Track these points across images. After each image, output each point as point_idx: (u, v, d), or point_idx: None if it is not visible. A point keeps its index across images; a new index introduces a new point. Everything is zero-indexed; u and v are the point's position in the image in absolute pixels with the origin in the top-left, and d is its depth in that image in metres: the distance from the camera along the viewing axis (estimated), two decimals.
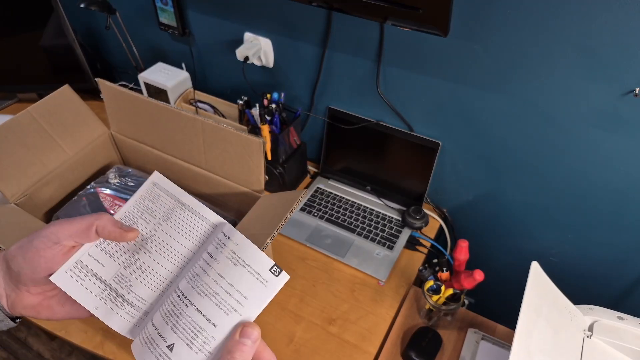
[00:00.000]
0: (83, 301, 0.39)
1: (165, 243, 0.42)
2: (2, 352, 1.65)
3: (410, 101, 1.03)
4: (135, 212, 0.43)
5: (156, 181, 0.45)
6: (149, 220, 0.43)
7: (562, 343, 0.67)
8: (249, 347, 0.34)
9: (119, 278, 0.40)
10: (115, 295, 0.40)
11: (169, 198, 0.44)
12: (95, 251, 0.41)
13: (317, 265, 1.04)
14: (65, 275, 0.39)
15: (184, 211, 0.43)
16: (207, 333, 0.35)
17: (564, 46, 0.78)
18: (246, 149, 0.80)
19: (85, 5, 1.14)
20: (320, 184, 1.23)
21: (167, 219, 0.43)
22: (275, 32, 1.10)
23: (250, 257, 0.37)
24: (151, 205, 0.43)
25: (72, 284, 0.39)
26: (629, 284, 1.04)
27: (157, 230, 0.42)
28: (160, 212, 0.43)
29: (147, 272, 0.41)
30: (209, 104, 1.24)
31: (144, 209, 0.43)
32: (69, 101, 0.91)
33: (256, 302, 0.36)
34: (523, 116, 0.91)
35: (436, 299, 0.87)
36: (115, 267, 0.41)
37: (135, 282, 0.40)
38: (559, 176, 0.95)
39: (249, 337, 0.34)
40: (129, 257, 0.41)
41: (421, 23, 0.78)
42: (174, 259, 0.41)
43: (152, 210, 0.43)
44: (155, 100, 0.85)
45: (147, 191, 0.44)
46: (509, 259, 1.18)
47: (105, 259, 0.41)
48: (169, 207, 0.43)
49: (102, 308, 0.40)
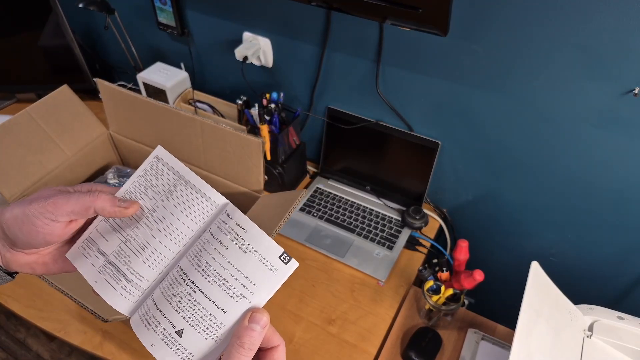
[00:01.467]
0: (86, 275, 0.40)
1: (166, 220, 0.41)
2: (1, 353, 1.65)
3: (410, 101, 1.03)
4: (138, 187, 0.42)
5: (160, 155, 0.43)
6: (151, 197, 0.42)
7: (562, 343, 0.67)
8: (258, 333, 0.34)
9: (118, 253, 0.40)
10: (113, 269, 0.40)
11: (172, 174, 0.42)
12: (103, 227, 0.41)
13: (317, 265, 1.04)
14: (77, 251, 0.40)
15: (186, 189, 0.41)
16: (217, 319, 0.35)
17: (563, 46, 0.78)
18: (245, 149, 0.79)
19: (83, 5, 1.14)
20: (320, 184, 1.23)
21: (169, 196, 0.41)
22: (275, 31, 1.10)
23: (259, 244, 0.37)
24: (154, 181, 0.42)
25: (80, 259, 0.40)
26: (628, 284, 1.04)
27: (158, 206, 0.41)
28: (163, 188, 0.42)
29: (145, 249, 0.40)
30: (208, 104, 1.23)
31: (147, 184, 0.42)
32: (67, 101, 0.91)
33: (265, 289, 0.36)
34: (522, 116, 0.90)
35: (436, 299, 0.87)
36: (116, 242, 0.40)
37: (133, 257, 0.40)
38: (558, 176, 0.95)
39: (258, 323, 0.34)
40: (129, 232, 0.41)
41: (421, 23, 0.78)
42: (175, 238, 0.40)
43: (156, 186, 0.42)
44: (154, 100, 0.85)
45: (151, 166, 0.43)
46: (508, 258, 1.18)
47: (109, 234, 0.41)
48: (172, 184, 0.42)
49: (100, 282, 0.39)
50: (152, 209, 0.41)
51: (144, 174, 0.43)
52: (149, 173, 0.43)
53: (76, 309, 0.91)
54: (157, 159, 0.43)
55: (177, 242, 0.40)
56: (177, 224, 0.40)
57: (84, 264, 0.40)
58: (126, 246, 0.40)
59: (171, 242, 0.40)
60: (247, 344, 0.33)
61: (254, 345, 0.34)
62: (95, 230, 0.41)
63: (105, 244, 0.40)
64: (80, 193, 0.38)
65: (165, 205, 0.41)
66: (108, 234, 0.41)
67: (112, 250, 0.40)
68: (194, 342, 0.35)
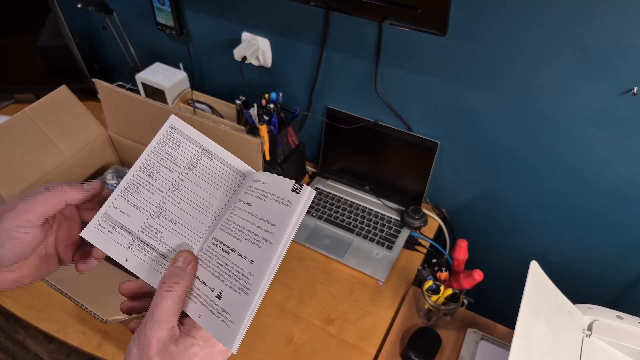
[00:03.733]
0: (113, 254, 0.39)
1: (194, 193, 0.40)
2: (0, 354, 1.65)
3: (409, 101, 1.03)
4: (156, 159, 0.41)
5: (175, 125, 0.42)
6: (172, 169, 0.41)
7: (561, 342, 0.67)
8: (182, 270, 0.37)
9: (147, 229, 0.40)
10: (145, 246, 0.39)
11: (192, 145, 0.41)
12: (120, 203, 0.40)
13: (316, 265, 1.04)
14: (94, 229, 0.39)
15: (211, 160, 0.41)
16: (246, 271, 0.36)
17: (562, 45, 0.78)
18: (244, 150, 0.79)
19: (82, 6, 1.14)
20: (319, 184, 1.23)
21: (194, 168, 0.41)
22: (273, 31, 1.10)
23: (273, 186, 0.38)
24: (173, 152, 0.41)
25: (101, 238, 0.39)
26: (628, 283, 1.04)
27: (183, 179, 0.41)
28: (185, 160, 0.41)
29: (177, 224, 0.40)
30: (207, 104, 1.23)
31: (166, 156, 0.41)
32: (66, 102, 0.91)
33: (283, 225, 0.36)
34: (521, 115, 0.90)
35: (435, 298, 0.87)
36: (142, 218, 0.40)
37: (166, 233, 0.40)
38: (557, 175, 0.95)
39: (183, 261, 0.37)
40: (155, 208, 0.40)
41: (419, 22, 0.78)
42: (205, 210, 0.40)
43: (175, 158, 0.41)
44: (153, 101, 0.85)
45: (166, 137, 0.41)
46: (508, 258, 1.18)
47: (131, 210, 0.40)
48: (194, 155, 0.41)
49: (132, 260, 0.39)
50: (176, 182, 0.41)
51: (160, 145, 0.41)
52: (165, 144, 0.41)
53: (75, 309, 0.91)
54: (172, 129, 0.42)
55: (208, 214, 0.40)
56: (206, 197, 0.40)
57: (108, 243, 0.39)
58: (155, 222, 0.40)
59: (203, 215, 0.40)
60: (168, 279, 0.36)
61: (177, 278, 0.36)
62: (113, 207, 0.40)
63: (128, 221, 0.40)
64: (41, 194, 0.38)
65: (190, 178, 0.41)
66: (130, 211, 0.40)
67: (139, 227, 0.40)
68: (229, 301, 0.35)
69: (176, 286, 0.36)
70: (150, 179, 0.40)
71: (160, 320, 0.34)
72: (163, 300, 0.35)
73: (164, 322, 0.34)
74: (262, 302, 0.35)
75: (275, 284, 0.99)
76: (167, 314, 0.34)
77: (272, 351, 0.88)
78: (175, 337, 0.34)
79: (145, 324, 0.34)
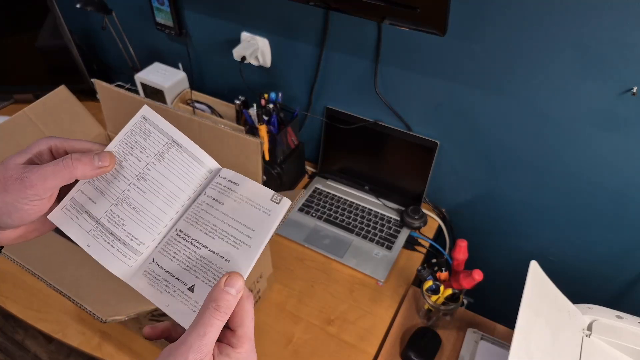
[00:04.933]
0: (76, 238, 0.39)
1: (160, 184, 0.41)
2: (0, 355, 1.65)
3: (408, 101, 1.03)
4: (124, 147, 0.41)
5: (146, 115, 0.42)
6: (140, 158, 0.41)
7: (561, 342, 0.67)
8: (233, 297, 0.35)
9: (110, 216, 0.40)
10: (107, 233, 0.39)
11: (162, 136, 0.41)
12: (87, 188, 0.40)
13: (316, 265, 1.04)
14: (61, 213, 0.40)
15: (180, 152, 0.41)
16: (222, 269, 0.37)
17: (561, 45, 0.78)
18: (244, 150, 0.79)
19: (81, 6, 1.14)
20: (319, 184, 1.23)
21: (162, 159, 0.41)
22: (273, 31, 1.10)
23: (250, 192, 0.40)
24: (142, 142, 0.41)
25: (66, 221, 0.39)
26: (627, 283, 1.04)
27: (150, 169, 0.41)
28: (153, 150, 0.41)
29: (141, 212, 0.40)
30: (206, 104, 1.23)
31: (135, 144, 0.41)
32: (65, 102, 0.90)
33: (262, 231, 0.38)
34: (521, 115, 0.90)
35: (435, 299, 0.87)
36: (106, 205, 0.40)
37: (128, 221, 0.40)
38: (556, 175, 0.95)
39: (233, 287, 0.35)
40: (119, 195, 0.40)
41: (419, 22, 0.78)
42: (170, 201, 0.40)
43: (144, 147, 0.41)
44: (152, 101, 0.85)
45: (137, 126, 0.42)
46: (507, 258, 1.18)
47: (96, 196, 0.40)
48: (163, 146, 0.41)
49: (94, 245, 0.39)
50: (143, 172, 0.41)
51: (130, 134, 0.41)
52: (135, 133, 0.41)
53: (74, 310, 0.91)
54: (144, 119, 0.42)
55: (173, 206, 0.41)
56: (172, 188, 0.41)
57: (72, 227, 0.39)
58: (118, 209, 0.40)
59: (167, 205, 0.40)
60: (222, 307, 0.34)
61: (229, 308, 0.35)
62: (80, 192, 0.40)
63: (93, 206, 0.40)
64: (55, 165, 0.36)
65: (157, 169, 0.41)
66: (95, 197, 0.40)
67: (102, 214, 0.40)
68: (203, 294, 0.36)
69: (226, 316, 0.34)
70: (117, 166, 0.40)
71: (205, 350, 0.33)
72: (212, 328, 0.33)
73: (208, 352, 0.33)
74: (262, 302, 0.35)
75: (275, 284, 0.99)
76: (211, 343, 0.34)
77: (272, 351, 0.88)
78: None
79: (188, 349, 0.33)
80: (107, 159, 0.39)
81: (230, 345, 0.35)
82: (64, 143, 0.39)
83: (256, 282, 0.88)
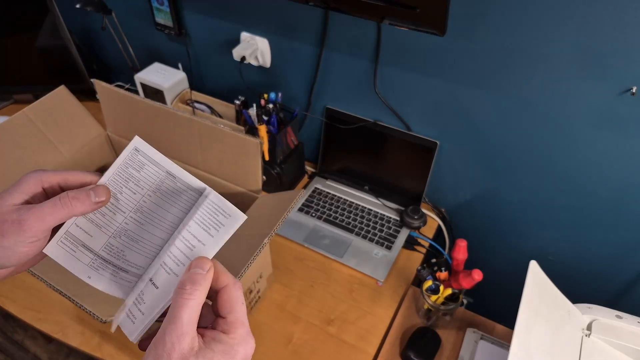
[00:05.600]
0: (75, 271, 0.40)
1: (156, 214, 0.41)
2: (0, 355, 1.65)
3: (408, 101, 1.03)
4: (118, 180, 0.41)
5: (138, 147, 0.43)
6: (135, 191, 0.41)
7: (560, 342, 0.67)
8: (201, 275, 0.35)
9: (109, 248, 0.41)
10: (107, 264, 0.40)
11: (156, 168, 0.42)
12: (82, 222, 0.40)
13: (315, 265, 1.04)
14: (56, 246, 0.39)
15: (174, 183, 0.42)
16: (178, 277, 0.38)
17: (560, 45, 0.78)
18: (243, 150, 0.79)
19: (81, 6, 1.13)
20: (318, 184, 1.23)
21: (157, 191, 0.42)
22: (272, 31, 1.10)
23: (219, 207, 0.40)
24: (136, 174, 0.42)
25: (63, 254, 0.40)
26: (627, 283, 1.04)
27: (145, 201, 0.41)
28: (148, 183, 0.42)
29: (139, 242, 0.41)
30: (206, 104, 1.23)
31: (128, 177, 0.42)
32: (65, 102, 0.90)
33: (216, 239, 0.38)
34: (520, 115, 0.91)
35: (435, 298, 0.87)
36: (103, 238, 0.41)
37: (128, 251, 0.41)
38: (556, 175, 0.95)
39: (200, 267, 0.35)
40: (117, 227, 0.41)
41: (418, 22, 0.78)
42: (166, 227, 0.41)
43: (138, 180, 0.42)
44: (152, 101, 0.85)
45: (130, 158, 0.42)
46: (507, 258, 1.18)
47: (93, 230, 0.40)
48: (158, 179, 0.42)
49: (95, 277, 0.40)
50: (139, 204, 0.41)
51: (124, 167, 0.42)
52: (128, 166, 0.42)
53: (74, 310, 0.91)
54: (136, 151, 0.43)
55: (167, 230, 0.42)
56: (167, 216, 0.42)
57: (70, 260, 0.40)
58: (117, 241, 0.41)
59: (162, 231, 0.41)
60: (188, 286, 0.34)
61: (198, 285, 0.34)
62: (75, 226, 0.40)
63: (90, 239, 0.40)
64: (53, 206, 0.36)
65: (154, 200, 0.42)
66: (91, 230, 0.40)
67: (101, 246, 0.40)
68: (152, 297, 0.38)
69: (196, 292, 0.34)
70: (113, 199, 0.41)
71: (180, 332, 0.32)
72: (182, 309, 0.33)
73: (184, 333, 0.32)
74: (262, 302, 0.36)
75: (274, 284, 0.99)
76: (187, 324, 0.32)
77: (272, 351, 0.88)
78: (196, 350, 0.32)
79: (164, 335, 0.32)
80: (103, 193, 0.39)
81: (223, 332, 0.35)
82: (56, 176, 0.39)
83: (256, 282, 0.88)
